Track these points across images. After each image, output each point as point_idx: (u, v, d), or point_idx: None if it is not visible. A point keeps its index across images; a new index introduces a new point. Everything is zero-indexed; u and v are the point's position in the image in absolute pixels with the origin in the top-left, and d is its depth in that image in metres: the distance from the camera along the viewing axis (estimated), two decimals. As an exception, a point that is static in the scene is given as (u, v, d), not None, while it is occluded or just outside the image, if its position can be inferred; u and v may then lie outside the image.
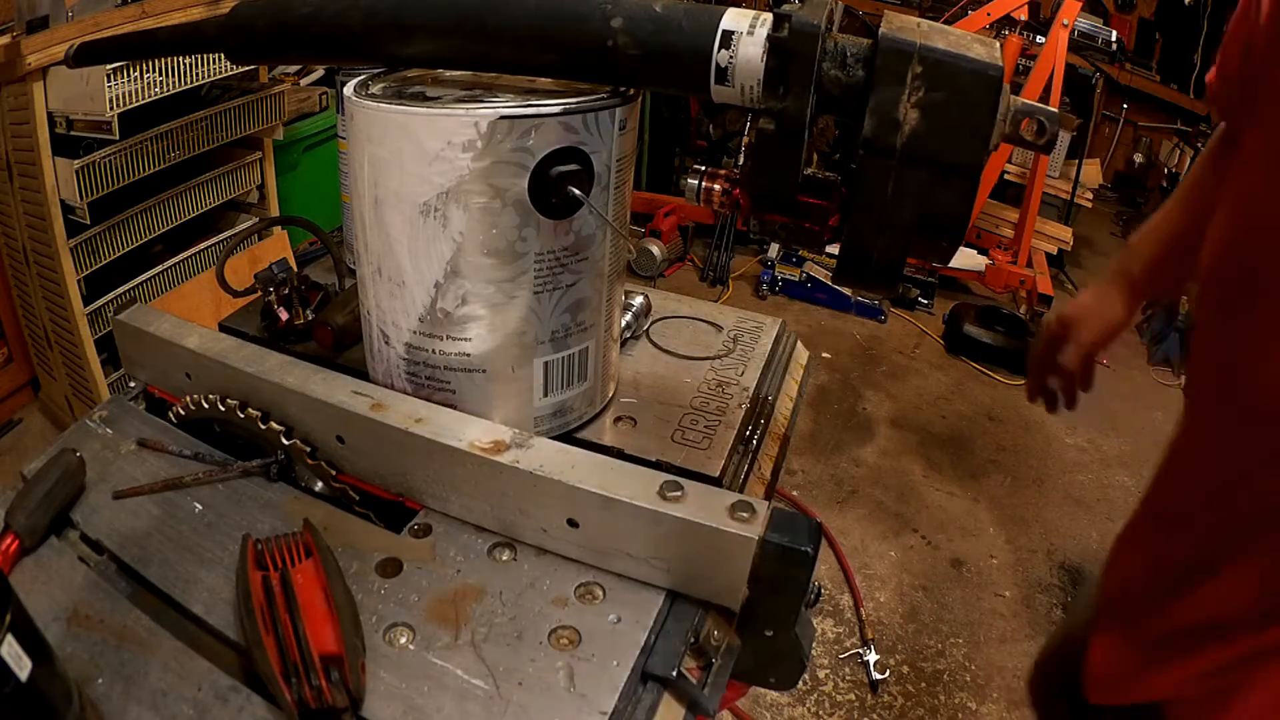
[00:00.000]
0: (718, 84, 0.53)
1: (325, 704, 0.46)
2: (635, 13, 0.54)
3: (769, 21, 0.52)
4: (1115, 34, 3.84)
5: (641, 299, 0.88)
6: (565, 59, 0.58)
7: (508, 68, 0.62)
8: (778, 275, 3.18)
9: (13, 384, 2.24)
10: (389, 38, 0.60)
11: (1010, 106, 0.50)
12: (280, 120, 2.17)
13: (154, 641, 0.52)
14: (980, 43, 0.50)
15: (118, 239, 1.89)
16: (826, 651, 1.77)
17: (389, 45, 0.61)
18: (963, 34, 0.51)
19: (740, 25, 0.52)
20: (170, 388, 0.77)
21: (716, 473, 0.67)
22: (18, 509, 0.58)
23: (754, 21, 0.53)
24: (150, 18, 1.76)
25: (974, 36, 0.51)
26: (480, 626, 0.53)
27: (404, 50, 0.61)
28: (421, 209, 0.58)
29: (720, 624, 0.57)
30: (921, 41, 0.48)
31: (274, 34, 0.64)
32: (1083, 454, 2.50)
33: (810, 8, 0.51)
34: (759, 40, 0.51)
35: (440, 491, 0.62)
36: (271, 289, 0.81)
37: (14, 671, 0.40)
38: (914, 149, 0.49)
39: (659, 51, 0.55)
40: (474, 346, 0.64)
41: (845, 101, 0.51)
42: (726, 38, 0.52)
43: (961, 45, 0.49)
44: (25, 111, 1.66)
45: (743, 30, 0.52)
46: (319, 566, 0.54)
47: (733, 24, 0.52)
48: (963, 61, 0.48)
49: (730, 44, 0.52)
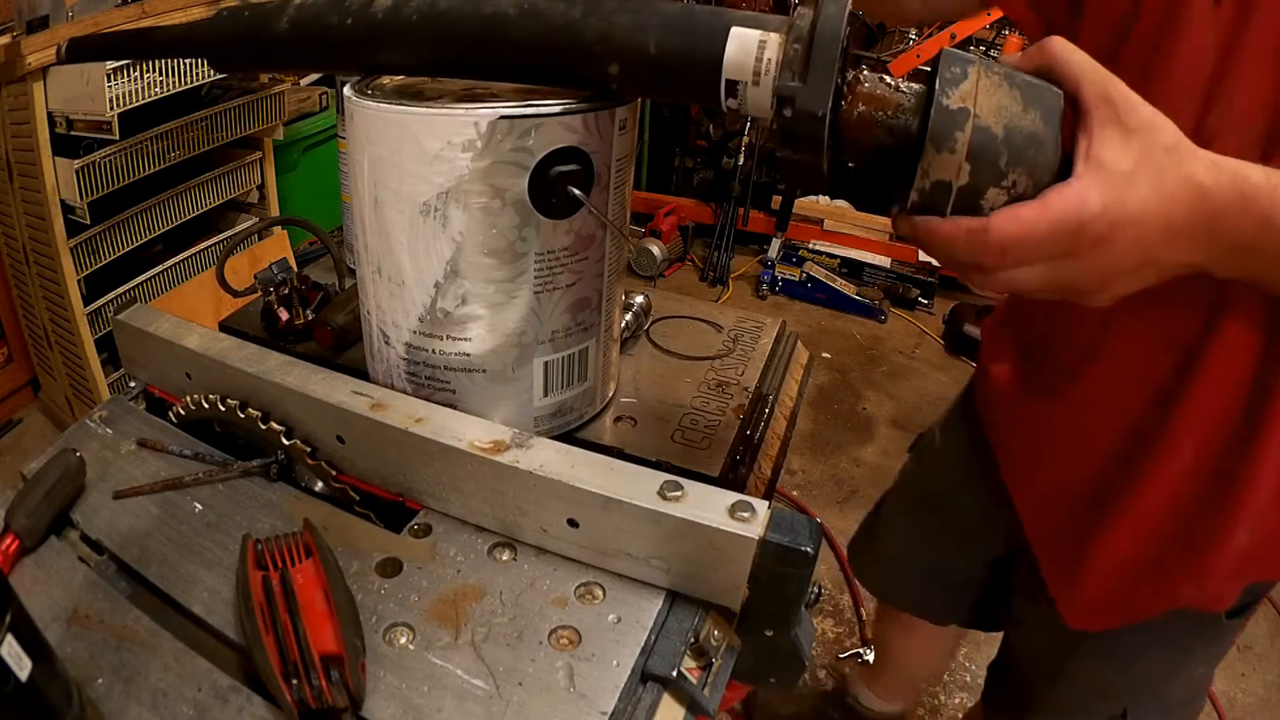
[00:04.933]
0: (729, 100, 0.52)
1: (325, 704, 0.46)
2: (630, 58, 0.52)
3: (776, 63, 0.48)
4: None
5: (641, 299, 0.88)
6: (563, 84, 0.58)
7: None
8: (778, 275, 3.17)
9: (13, 384, 2.24)
10: (369, 58, 0.59)
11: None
12: (280, 120, 2.17)
13: (154, 641, 0.52)
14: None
15: (118, 239, 1.89)
16: (826, 651, 1.77)
17: (371, 60, 0.60)
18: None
19: (744, 75, 0.49)
20: (170, 388, 0.77)
21: (716, 473, 0.67)
22: (18, 509, 0.58)
23: (759, 66, 0.49)
24: (150, 18, 1.76)
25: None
26: (480, 626, 0.53)
27: (387, 68, 0.61)
28: (421, 209, 0.58)
29: (720, 624, 0.57)
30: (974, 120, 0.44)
31: (252, 49, 0.62)
32: (1083, 454, 2.50)
33: (817, 76, 0.46)
34: (766, 90, 0.49)
35: (440, 491, 0.62)
36: (271, 289, 0.81)
37: (14, 671, 0.40)
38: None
39: (662, 93, 0.55)
40: (474, 346, 0.64)
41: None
42: (731, 87, 0.50)
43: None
44: (25, 111, 1.66)
45: (747, 80, 0.49)
46: (319, 566, 0.54)
47: (736, 74, 0.49)
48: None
49: (736, 93, 0.50)
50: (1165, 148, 0.43)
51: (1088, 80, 0.44)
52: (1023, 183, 0.44)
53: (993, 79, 0.44)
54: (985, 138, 0.43)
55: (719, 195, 3.33)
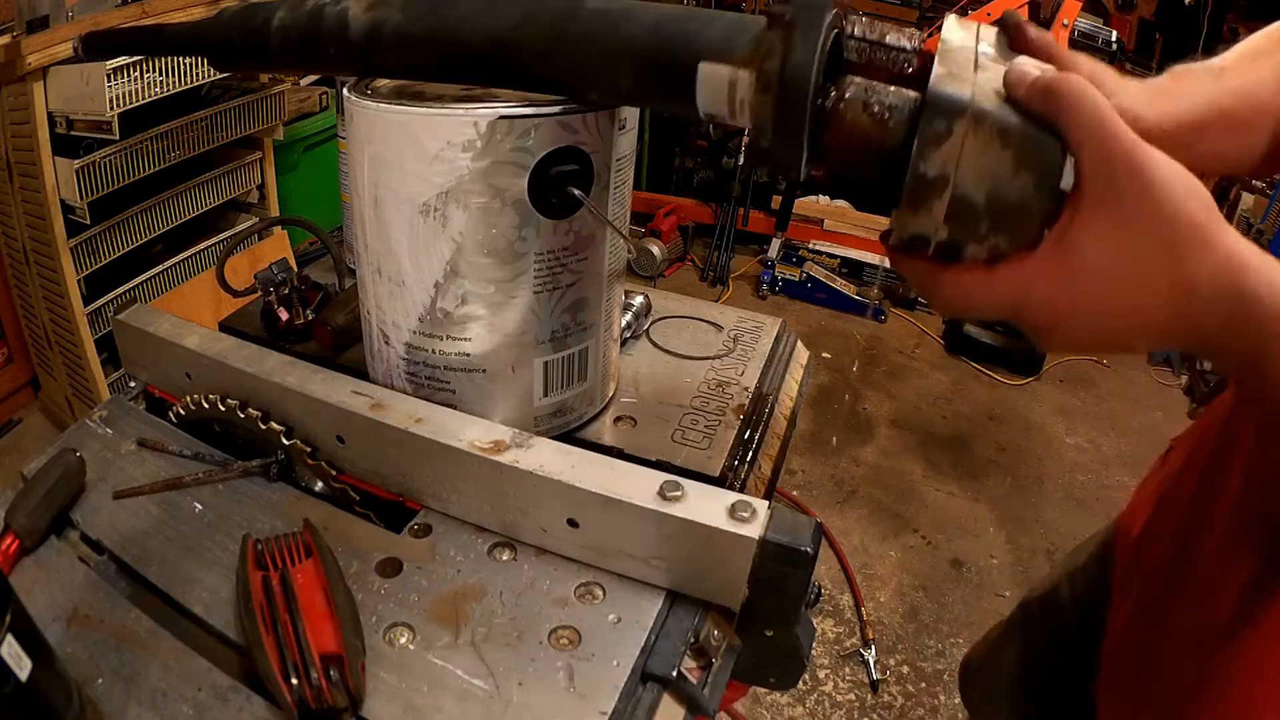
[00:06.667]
0: (713, 123, 0.51)
1: (325, 704, 0.46)
2: (607, 93, 0.53)
3: (749, 104, 0.45)
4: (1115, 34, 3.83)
5: (641, 299, 0.88)
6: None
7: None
8: (778, 275, 3.18)
9: (13, 384, 2.24)
10: (369, 63, 0.59)
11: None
12: (280, 120, 2.17)
13: (154, 641, 0.52)
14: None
15: (118, 239, 1.89)
16: (826, 651, 1.77)
17: (357, 69, 0.60)
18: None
19: (721, 111, 0.47)
20: (170, 388, 0.77)
21: (716, 473, 0.67)
22: (18, 509, 0.58)
23: (734, 106, 0.47)
24: (150, 18, 1.76)
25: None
26: (480, 626, 0.53)
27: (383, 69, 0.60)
28: (421, 209, 0.58)
29: (720, 624, 0.57)
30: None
31: (246, 51, 0.62)
32: (1083, 454, 2.50)
33: (786, 137, 0.43)
34: (745, 121, 0.47)
35: (440, 491, 0.62)
36: (271, 289, 0.80)
37: (14, 671, 0.40)
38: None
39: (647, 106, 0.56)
40: (474, 346, 0.64)
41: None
42: (711, 117, 0.49)
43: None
44: (25, 111, 1.66)
45: (724, 114, 0.48)
46: (319, 566, 0.54)
47: (714, 110, 0.48)
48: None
49: (716, 121, 0.49)
50: (1165, 244, 0.37)
51: (1091, 148, 0.38)
52: (1004, 244, 0.41)
53: (983, 135, 0.39)
54: (964, 205, 0.40)
55: (719, 195, 3.33)
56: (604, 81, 0.52)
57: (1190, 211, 0.37)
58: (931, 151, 0.39)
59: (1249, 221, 2.97)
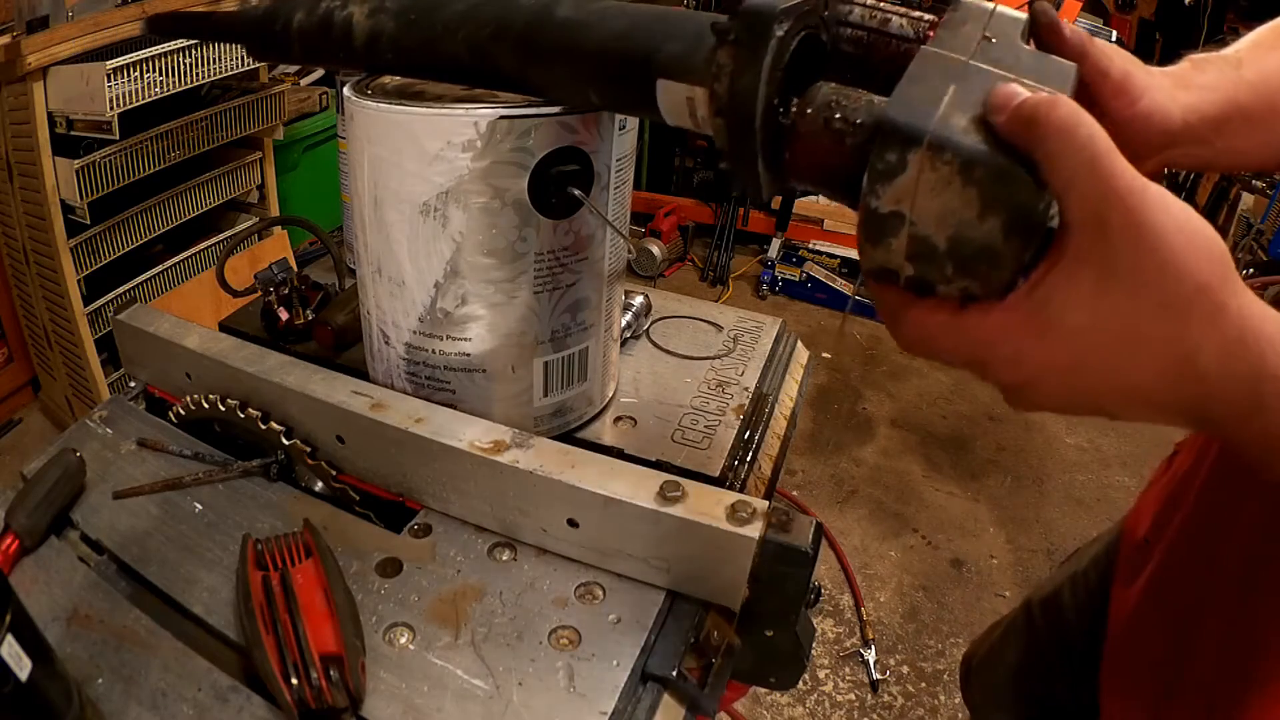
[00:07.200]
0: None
1: (325, 704, 0.46)
2: (580, 103, 0.54)
3: (708, 120, 0.43)
4: (1115, 34, 3.84)
5: (641, 299, 0.88)
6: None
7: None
8: (778, 275, 3.17)
9: (13, 384, 2.24)
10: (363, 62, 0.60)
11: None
12: (280, 120, 2.17)
13: (154, 641, 0.52)
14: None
15: (118, 239, 1.89)
16: (826, 651, 1.77)
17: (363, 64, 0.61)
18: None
19: (685, 123, 0.47)
20: (170, 388, 0.77)
21: (716, 473, 0.67)
22: (18, 509, 0.58)
23: (697, 121, 0.46)
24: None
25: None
26: (480, 626, 0.53)
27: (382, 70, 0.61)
28: (421, 209, 0.58)
29: (720, 624, 0.57)
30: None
31: (270, 43, 0.63)
32: (1083, 454, 2.50)
33: (742, 164, 0.41)
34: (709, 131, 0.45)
35: (440, 491, 0.62)
36: (271, 289, 0.80)
37: (14, 671, 0.40)
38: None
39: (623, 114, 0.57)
40: (474, 346, 0.64)
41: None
42: (681, 132, 0.49)
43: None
44: (25, 111, 1.66)
45: (690, 127, 0.47)
46: (319, 566, 0.54)
47: (680, 122, 0.47)
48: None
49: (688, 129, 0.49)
50: (1163, 309, 0.32)
51: (1081, 189, 0.32)
52: (975, 289, 0.36)
53: (942, 170, 0.33)
54: (924, 247, 0.35)
55: (719, 195, 3.33)
56: (577, 94, 0.52)
57: (1197, 271, 0.31)
58: (881, 187, 0.34)
59: (1249, 221, 2.96)
